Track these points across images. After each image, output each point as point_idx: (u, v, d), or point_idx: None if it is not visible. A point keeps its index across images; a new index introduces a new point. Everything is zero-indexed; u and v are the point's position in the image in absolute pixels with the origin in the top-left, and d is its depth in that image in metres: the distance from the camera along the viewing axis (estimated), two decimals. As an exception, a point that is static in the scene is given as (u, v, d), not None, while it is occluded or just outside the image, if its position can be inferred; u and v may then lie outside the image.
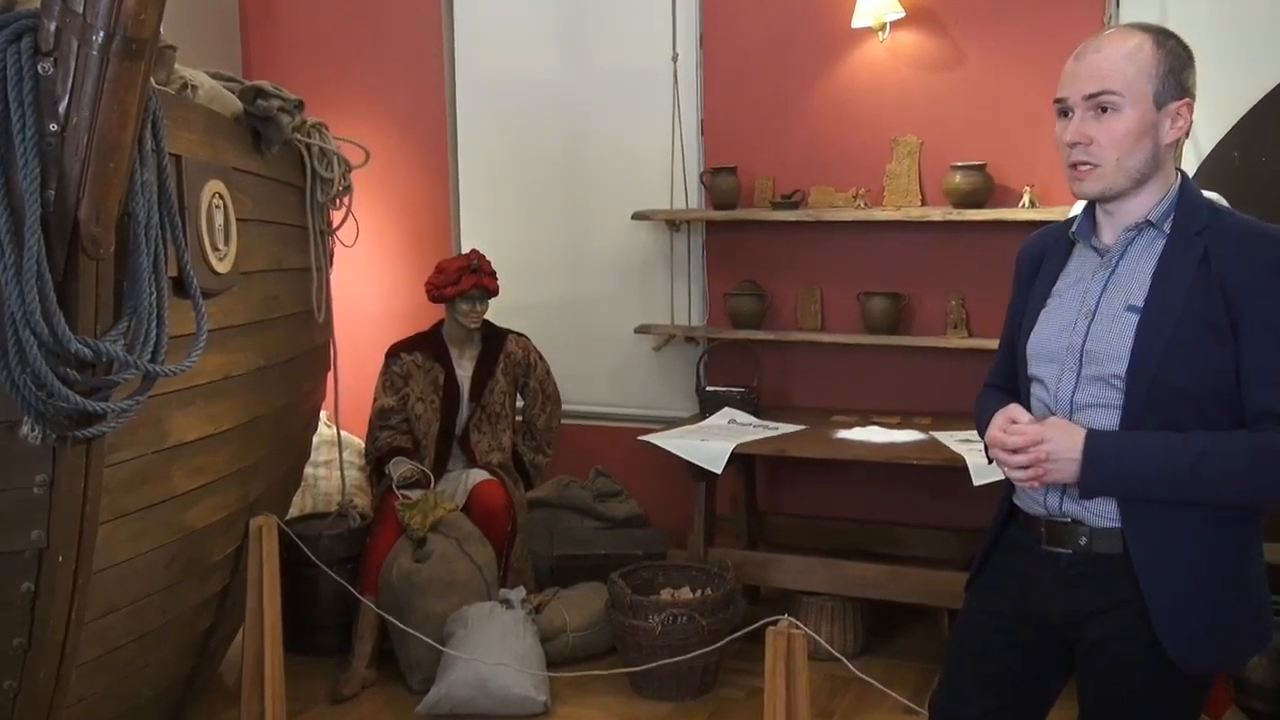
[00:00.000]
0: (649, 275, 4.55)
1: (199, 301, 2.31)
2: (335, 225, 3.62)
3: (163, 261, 2.18)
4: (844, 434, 3.83)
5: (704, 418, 4.14)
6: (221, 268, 2.64)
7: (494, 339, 4.12)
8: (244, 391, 2.92)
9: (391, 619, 3.55)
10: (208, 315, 2.33)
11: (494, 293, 4.04)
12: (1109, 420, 1.83)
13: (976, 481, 3.26)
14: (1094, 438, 1.80)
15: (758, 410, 4.17)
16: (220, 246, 2.63)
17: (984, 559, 2.04)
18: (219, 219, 2.62)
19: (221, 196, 2.63)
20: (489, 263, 4.05)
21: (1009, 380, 2.04)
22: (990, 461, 1.92)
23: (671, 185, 4.44)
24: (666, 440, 3.79)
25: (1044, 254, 2.00)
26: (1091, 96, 1.83)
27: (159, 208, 2.18)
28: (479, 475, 3.98)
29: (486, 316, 4.08)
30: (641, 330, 4.48)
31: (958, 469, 3.39)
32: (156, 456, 2.51)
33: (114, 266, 2.10)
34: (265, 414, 3.09)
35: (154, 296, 2.14)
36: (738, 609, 3.67)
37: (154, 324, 2.15)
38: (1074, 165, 1.86)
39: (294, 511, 4.20)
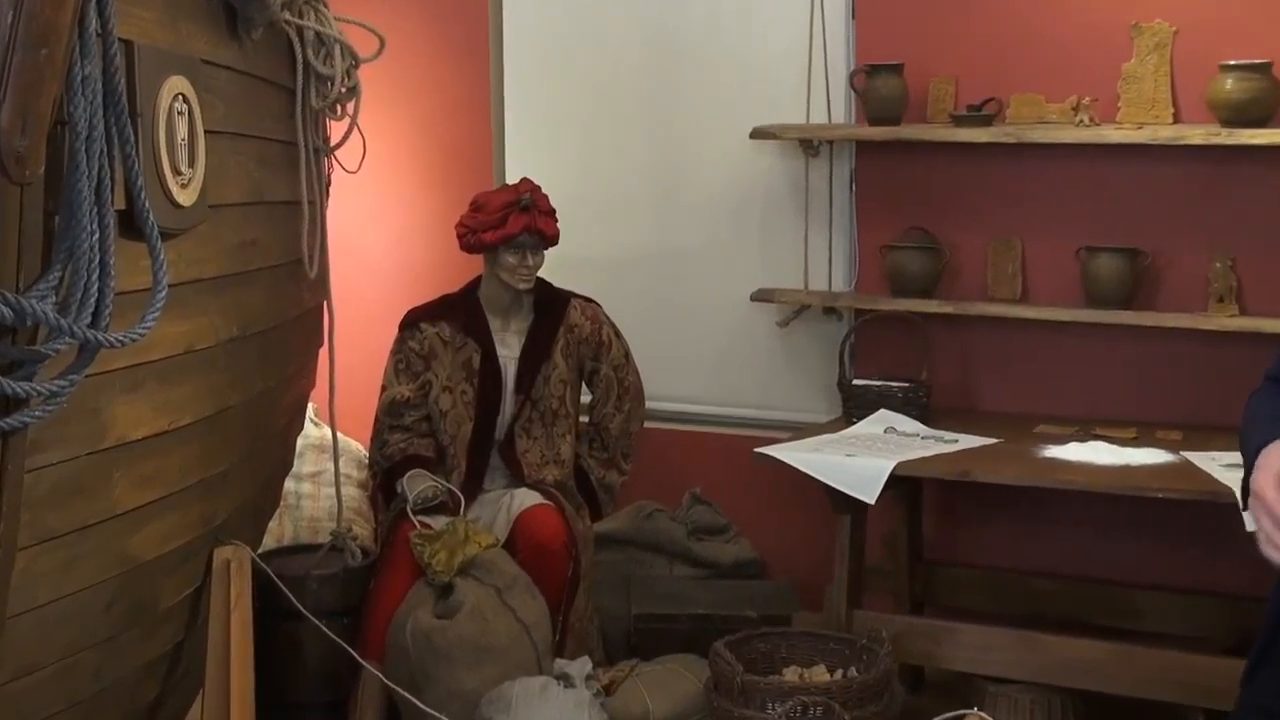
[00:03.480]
0: (773, 219, 4.53)
1: (156, 244, 2.34)
2: (335, 142, 3.66)
3: (108, 188, 2.21)
4: (1053, 451, 3.79)
5: (850, 424, 4.12)
6: (184, 198, 2.66)
7: (551, 306, 4.15)
8: (210, 371, 2.96)
9: (403, 694, 3.60)
10: (167, 264, 2.37)
11: (552, 240, 4.06)
12: None
13: (1252, 525, 3.18)
14: None
15: (927, 414, 4.13)
16: (183, 169, 2.65)
17: (1266, 645, 2.01)
18: (182, 130, 2.64)
19: (185, 99, 2.66)
20: (545, 198, 4.07)
21: None
22: (1245, 508, 1.87)
23: (809, 90, 4.41)
24: (795, 455, 3.77)
25: None
26: None
27: (105, 113, 2.21)
28: (528, 498, 4.01)
29: (541, 273, 4.11)
30: (761, 297, 4.47)
31: (1222, 505, 3.32)
32: (93, 460, 2.54)
33: (44, 194, 2.14)
34: (237, 404, 3.13)
35: (96, 236, 2.17)
36: (895, 698, 3.64)
37: (95, 274, 2.18)
38: None
39: (270, 542, 4.27)
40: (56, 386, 2.19)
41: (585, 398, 4.26)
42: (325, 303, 3.79)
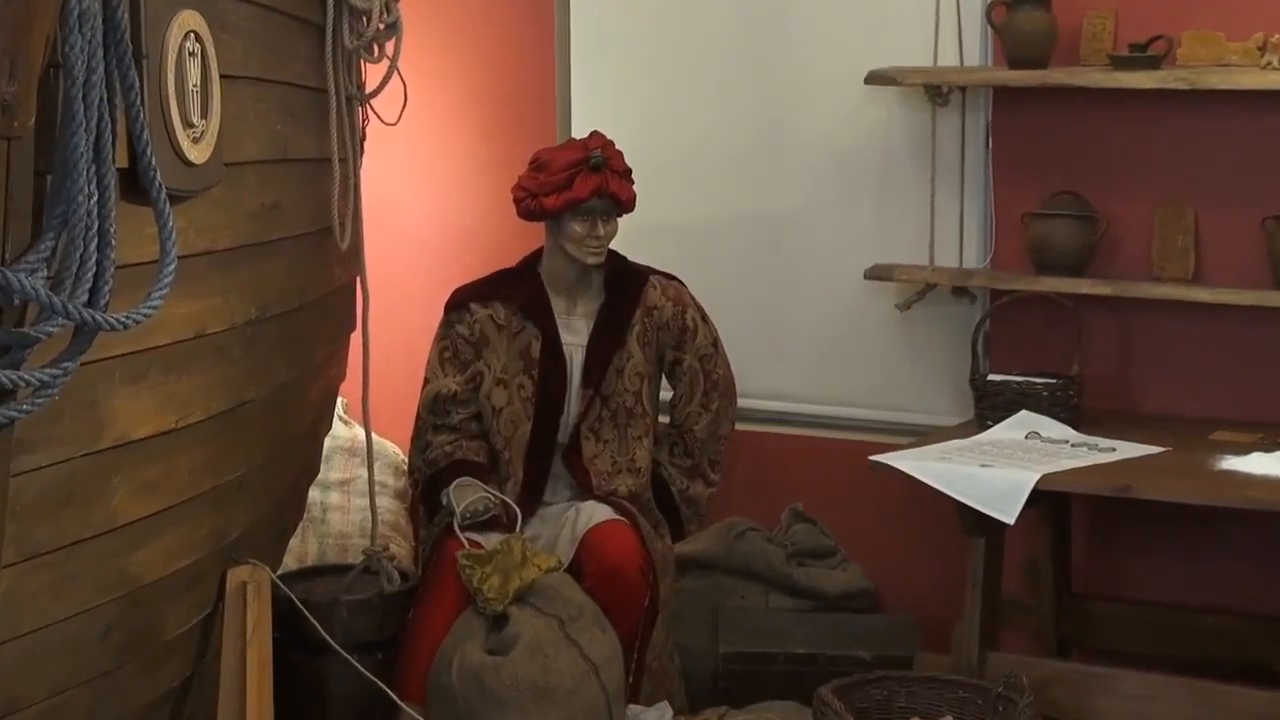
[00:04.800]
0: (893, 180, 4.51)
1: (164, 209, 2.36)
2: (372, 89, 3.67)
3: (109, 143, 2.23)
4: (1233, 463, 3.75)
5: (984, 427, 4.10)
6: (196, 154, 2.69)
7: (626, 284, 4.15)
8: (225, 360, 2.99)
9: (450, 746, 3.63)
10: (176, 232, 2.39)
11: (627, 205, 4.06)
12: None
13: None
14: None
15: (1078, 417, 4.10)
16: (195, 120, 2.68)
17: None
18: (193, 74, 2.67)
19: (198, 37, 2.68)
20: (620, 155, 4.06)
21: None
22: None
23: (936, 26, 4.38)
24: (918, 464, 3.75)
25: None
26: None
27: (105, 55, 2.23)
28: (597, 513, 4.01)
29: (613, 245, 4.11)
30: (878, 275, 4.44)
31: None
32: (88, 462, 2.58)
33: (34, 149, 2.16)
34: (256, 399, 3.16)
35: (95, 200, 2.19)
36: (1036, 758, 3.62)
37: (93, 244, 2.20)
38: None
39: (291, 562, 4.30)
40: (48, 375, 2.22)
41: (665, 394, 4.26)
42: (359, 279, 3.81)
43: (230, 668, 3.22)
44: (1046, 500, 3.85)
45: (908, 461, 3.77)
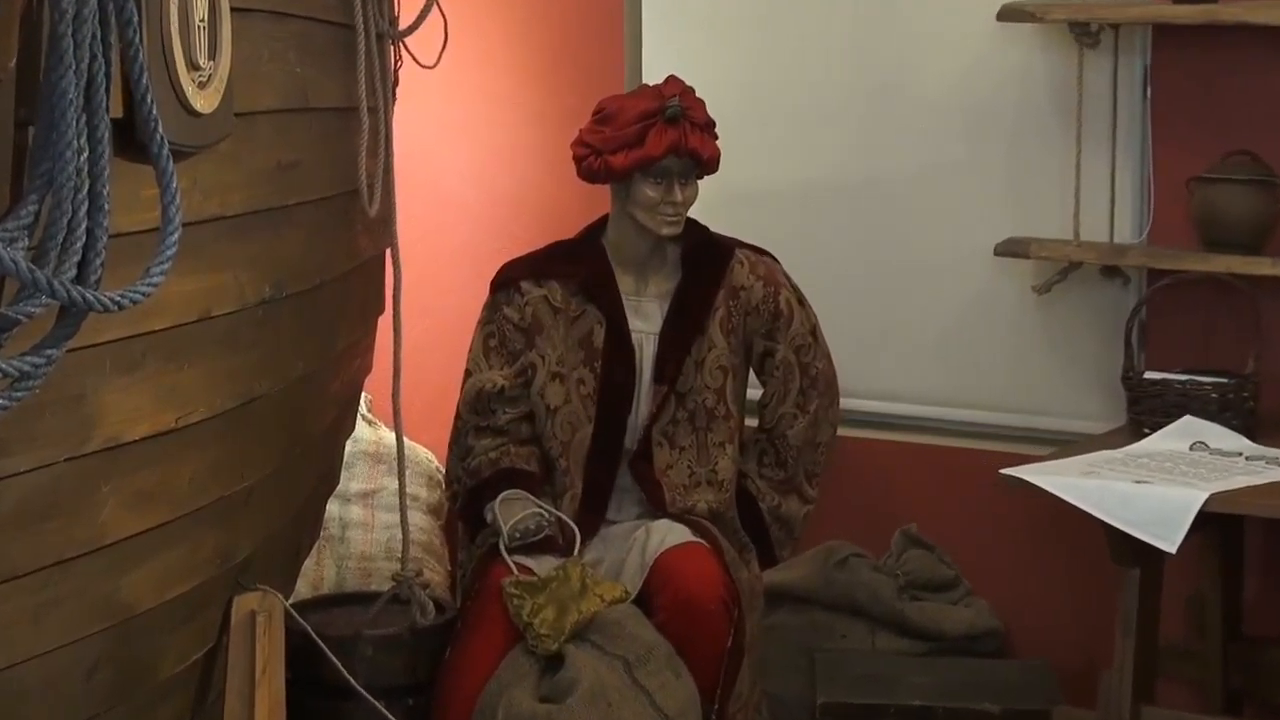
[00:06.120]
0: (1029, 137, 4.50)
1: (166, 168, 2.37)
2: (407, 25, 3.69)
3: (102, 89, 2.24)
4: None
5: (1140, 436, 4.09)
6: (203, 103, 2.70)
7: (707, 260, 4.15)
8: (233, 348, 3.00)
9: (494, 810, 3.65)
10: (180, 195, 2.40)
11: (709, 165, 4.06)
12: None
13: None
14: None
15: (1254, 424, 4.08)
16: (201, 62, 2.69)
17: None
18: (200, 8, 2.68)
19: (206, -34, 2.72)
20: (701, 105, 4.06)
21: None
22: None
23: (1085, -50, 4.37)
24: (1059, 479, 3.74)
25: None
26: None
27: (98, -12, 2.26)
28: (671, 534, 4.01)
29: (692, 213, 4.11)
30: (1010, 251, 4.44)
31: None
32: (73, 468, 2.59)
33: (15, 97, 2.17)
34: (268, 395, 3.18)
35: (85, 156, 2.20)
36: (1200, 836, 3.62)
37: (83, 209, 2.21)
38: None
39: (305, 588, 4.33)
40: (28, 365, 2.23)
41: (754, 391, 4.26)
42: (389, 252, 3.83)
43: (235, 712, 3.24)
44: (1215, 525, 3.83)
45: (1046, 476, 3.77)
